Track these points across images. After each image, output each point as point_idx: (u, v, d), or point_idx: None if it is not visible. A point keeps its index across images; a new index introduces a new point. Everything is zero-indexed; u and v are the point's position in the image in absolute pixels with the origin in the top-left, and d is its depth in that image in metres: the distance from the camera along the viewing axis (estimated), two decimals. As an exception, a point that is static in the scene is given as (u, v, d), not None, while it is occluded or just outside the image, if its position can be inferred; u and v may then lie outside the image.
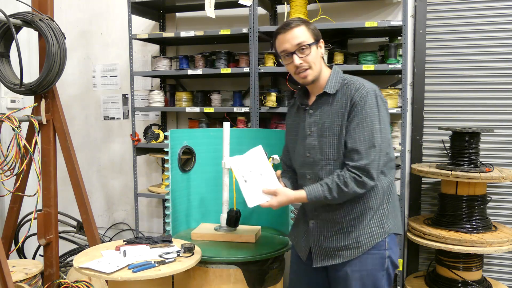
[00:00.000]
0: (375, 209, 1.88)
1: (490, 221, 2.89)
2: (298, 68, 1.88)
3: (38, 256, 3.77)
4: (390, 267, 1.90)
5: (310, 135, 1.93)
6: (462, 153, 2.83)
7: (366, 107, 1.80)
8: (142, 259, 2.13)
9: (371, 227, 1.88)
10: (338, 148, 1.85)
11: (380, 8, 3.28)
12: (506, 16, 3.06)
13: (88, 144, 4.10)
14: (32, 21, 2.75)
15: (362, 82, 1.86)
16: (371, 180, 1.80)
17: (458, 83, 3.18)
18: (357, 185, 1.79)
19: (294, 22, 1.88)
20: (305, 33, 1.86)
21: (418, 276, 3.10)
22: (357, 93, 1.82)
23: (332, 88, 1.89)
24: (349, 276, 1.87)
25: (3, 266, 2.29)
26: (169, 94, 3.65)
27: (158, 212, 3.92)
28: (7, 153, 2.66)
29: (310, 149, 1.93)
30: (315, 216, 1.96)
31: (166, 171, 2.61)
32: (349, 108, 1.83)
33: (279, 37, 1.90)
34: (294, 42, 1.85)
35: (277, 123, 3.19)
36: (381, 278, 1.88)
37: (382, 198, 1.90)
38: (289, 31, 1.86)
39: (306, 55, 1.86)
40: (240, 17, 3.52)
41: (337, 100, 1.88)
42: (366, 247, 1.86)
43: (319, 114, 1.92)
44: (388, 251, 1.89)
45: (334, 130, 1.86)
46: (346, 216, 1.89)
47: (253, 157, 2.04)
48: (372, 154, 1.79)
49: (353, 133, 1.81)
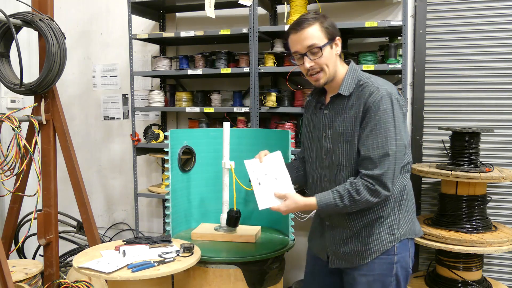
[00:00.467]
0: (385, 216, 1.85)
1: (490, 221, 2.89)
2: (310, 71, 1.82)
3: (38, 256, 3.77)
4: (400, 272, 1.86)
5: (326, 138, 1.89)
6: (462, 153, 2.83)
7: (379, 113, 1.73)
8: (142, 259, 2.13)
9: (380, 234, 1.85)
10: (350, 154, 1.81)
11: (380, 8, 3.28)
12: (506, 16, 3.06)
13: (88, 144, 4.10)
14: (32, 21, 2.75)
15: (378, 85, 1.78)
16: (386, 190, 1.74)
17: (458, 83, 3.18)
18: (370, 194, 1.74)
19: (307, 20, 1.78)
20: (317, 33, 1.77)
21: (418, 276, 3.10)
22: (371, 97, 1.75)
23: (347, 89, 1.83)
24: (356, 281, 1.87)
25: (3, 266, 2.29)
26: (169, 94, 3.65)
27: (158, 212, 3.92)
28: (7, 153, 2.66)
29: (326, 152, 1.89)
30: (330, 219, 1.95)
31: (166, 171, 2.61)
32: (362, 114, 1.77)
33: (291, 37, 1.82)
34: (305, 44, 1.77)
35: (277, 123, 3.19)
36: (390, 284, 1.85)
37: (393, 205, 1.86)
38: (301, 31, 1.77)
39: (317, 57, 1.78)
40: (240, 17, 3.52)
41: (351, 103, 1.81)
42: (376, 254, 1.84)
43: (333, 116, 1.87)
44: (397, 256, 1.85)
45: (347, 136, 1.81)
46: (357, 223, 1.88)
47: (271, 162, 2.04)
48: (386, 164, 1.72)
49: (366, 141, 1.75)
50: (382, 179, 1.72)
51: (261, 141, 2.76)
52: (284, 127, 3.09)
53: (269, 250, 2.40)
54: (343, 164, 1.84)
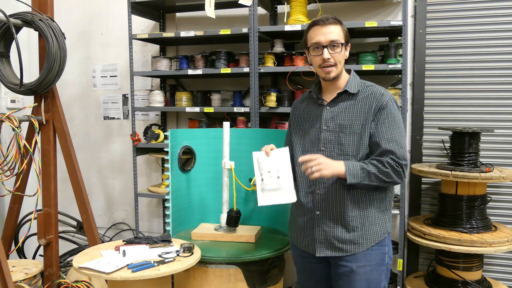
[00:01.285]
0: (383, 210, 1.99)
1: (490, 221, 2.89)
2: (325, 62, 1.93)
3: (38, 256, 3.77)
4: (388, 262, 2.02)
5: (327, 130, 1.98)
6: (462, 153, 2.83)
7: (393, 111, 1.92)
8: (142, 259, 2.13)
9: (376, 225, 1.97)
10: (358, 145, 1.92)
11: (380, 8, 3.28)
12: (506, 16, 3.06)
13: (88, 144, 4.10)
14: (32, 21, 2.75)
15: (382, 88, 1.99)
16: (404, 177, 1.90)
17: (458, 83, 3.18)
18: (394, 172, 1.87)
19: (332, 19, 1.93)
20: (340, 32, 1.93)
21: (418, 276, 3.10)
22: (383, 97, 1.93)
23: (354, 88, 1.98)
24: (354, 272, 1.94)
25: (3, 266, 2.29)
26: (169, 94, 3.65)
27: (158, 212, 3.92)
28: (7, 153, 2.66)
29: (326, 144, 1.97)
30: (322, 208, 1.98)
31: (166, 171, 2.61)
32: (374, 110, 1.92)
33: (315, 28, 1.94)
34: (329, 37, 1.90)
35: (277, 123, 3.19)
36: (382, 273, 1.99)
37: (391, 199, 2.04)
38: (328, 25, 1.91)
39: (336, 52, 1.92)
40: (240, 17, 3.52)
41: (359, 99, 1.96)
42: (371, 243, 1.95)
43: (337, 111, 1.98)
44: (387, 247, 2.01)
45: (355, 128, 1.93)
46: (356, 212, 1.94)
47: (277, 158, 2.03)
48: (406, 156, 1.90)
49: (386, 135, 1.89)
50: (404, 167, 1.89)
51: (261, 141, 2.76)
52: (284, 127, 3.09)
53: (269, 250, 2.40)
54: (349, 154, 1.94)
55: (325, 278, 2.07)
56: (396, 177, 1.87)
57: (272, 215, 2.77)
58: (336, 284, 2.01)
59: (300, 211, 2.06)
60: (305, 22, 3.01)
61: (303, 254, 2.08)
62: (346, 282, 1.96)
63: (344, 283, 1.96)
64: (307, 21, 3.03)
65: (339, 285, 1.99)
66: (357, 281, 1.94)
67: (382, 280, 2.00)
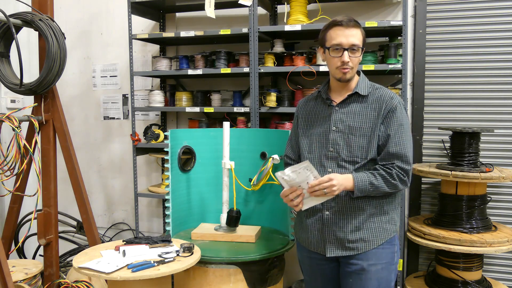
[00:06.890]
0: (392, 208, 2.00)
1: (490, 221, 2.89)
2: (344, 64, 1.92)
3: (38, 256, 3.77)
4: (397, 261, 2.03)
5: (336, 131, 1.98)
6: (462, 153, 2.83)
7: (402, 115, 1.94)
8: (142, 259, 2.13)
9: (386, 223, 1.98)
10: (367, 147, 1.93)
11: (380, 8, 3.28)
12: (506, 16, 3.06)
13: (88, 144, 4.10)
14: (32, 21, 2.75)
15: (391, 91, 2.01)
16: (409, 183, 1.94)
17: (458, 83, 3.18)
18: (401, 183, 1.90)
19: (355, 21, 1.92)
20: (360, 36, 1.93)
21: (418, 276, 3.10)
22: (392, 100, 1.94)
23: (364, 90, 1.99)
24: (365, 270, 1.94)
25: (3, 266, 2.29)
26: (169, 94, 3.65)
27: (158, 212, 3.92)
28: (7, 153, 2.66)
29: (335, 145, 1.97)
30: (331, 207, 1.96)
31: (166, 171, 2.61)
32: (384, 112, 1.93)
33: (337, 29, 1.91)
34: (351, 41, 1.90)
35: (277, 123, 3.19)
36: (392, 272, 2.00)
37: (400, 199, 2.06)
38: (352, 28, 1.90)
39: (355, 56, 1.92)
40: (240, 17, 3.52)
41: (369, 102, 1.97)
42: (381, 241, 1.96)
43: (346, 112, 1.99)
44: (396, 246, 2.02)
45: (364, 130, 1.94)
46: (366, 211, 1.95)
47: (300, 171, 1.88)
48: (411, 160, 1.93)
49: (394, 138, 1.91)
50: (409, 175, 1.92)
51: (261, 141, 2.77)
52: (284, 127, 3.09)
53: (269, 250, 2.40)
54: (358, 156, 1.94)
55: (335, 277, 2.05)
56: (401, 186, 1.92)
57: (272, 215, 2.77)
58: (346, 283, 1.99)
59: (308, 211, 2.04)
60: (305, 22, 3.01)
61: (312, 255, 2.07)
62: (356, 280, 1.95)
63: (355, 282, 1.95)
64: (307, 21, 3.03)
65: (348, 284, 1.97)
66: (368, 280, 1.93)
67: (392, 279, 2.00)
